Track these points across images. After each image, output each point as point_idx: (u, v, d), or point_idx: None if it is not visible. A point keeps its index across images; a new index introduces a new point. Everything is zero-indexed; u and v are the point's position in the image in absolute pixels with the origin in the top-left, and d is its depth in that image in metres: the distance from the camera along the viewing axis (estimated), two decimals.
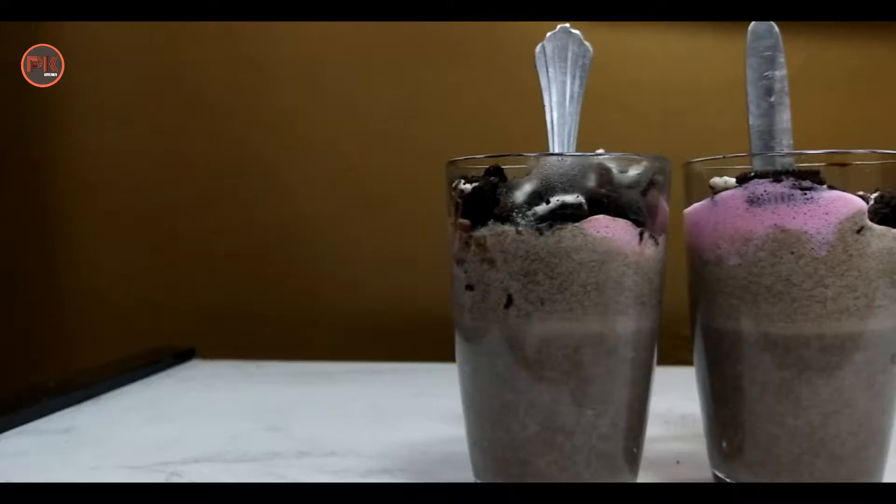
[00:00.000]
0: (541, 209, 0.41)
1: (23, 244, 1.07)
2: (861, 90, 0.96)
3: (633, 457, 0.46)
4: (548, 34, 0.48)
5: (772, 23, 0.48)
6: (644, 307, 0.44)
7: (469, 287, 0.44)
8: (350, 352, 0.98)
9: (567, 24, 0.48)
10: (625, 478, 0.45)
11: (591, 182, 0.42)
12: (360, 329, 1.01)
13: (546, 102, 0.48)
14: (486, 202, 0.43)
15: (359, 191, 1.02)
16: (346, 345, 1.01)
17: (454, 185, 0.44)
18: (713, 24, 0.94)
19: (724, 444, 0.47)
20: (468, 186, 0.43)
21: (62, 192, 1.06)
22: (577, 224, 0.41)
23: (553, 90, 0.48)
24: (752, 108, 0.48)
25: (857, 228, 0.42)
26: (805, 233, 0.42)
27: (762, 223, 0.43)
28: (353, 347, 1.00)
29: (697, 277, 0.47)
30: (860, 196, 0.42)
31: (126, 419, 0.69)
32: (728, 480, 0.47)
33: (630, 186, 0.43)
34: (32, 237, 1.07)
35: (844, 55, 0.95)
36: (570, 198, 0.41)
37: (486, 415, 0.44)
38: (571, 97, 0.48)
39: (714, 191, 0.46)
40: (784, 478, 0.44)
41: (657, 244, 0.44)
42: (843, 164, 0.44)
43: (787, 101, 0.47)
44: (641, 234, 0.43)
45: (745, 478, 0.46)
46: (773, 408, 0.44)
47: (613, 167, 0.42)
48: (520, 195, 0.42)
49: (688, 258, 0.48)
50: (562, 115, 0.47)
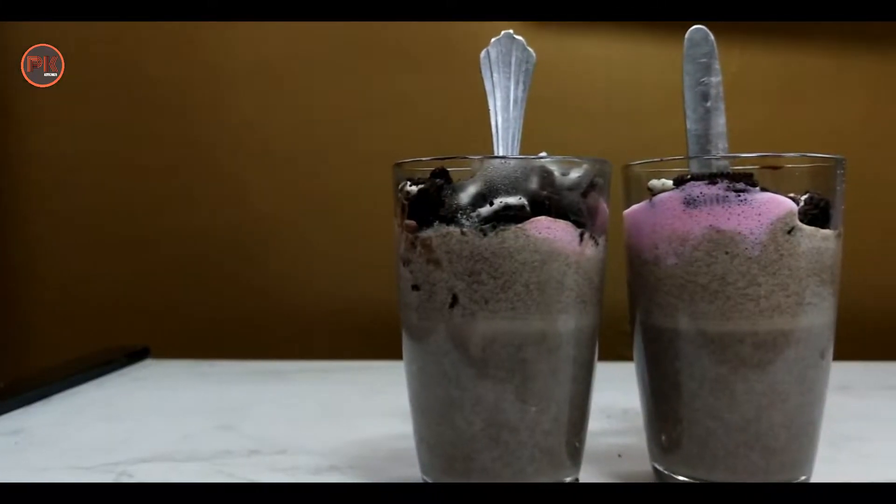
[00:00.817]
0: (485, 211, 0.41)
1: None
2: (791, 97, 0.97)
3: (576, 451, 0.46)
4: (492, 40, 0.48)
5: (707, 30, 0.48)
6: (585, 306, 0.43)
7: (415, 287, 0.43)
8: (303, 351, 0.97)
9: (511, 31, 0.48)
10: (567, 472, 0.45)
11: (534, 184, 0.42)
12: (313, 328, 1.00)
13: (491, 106, 0.47)
14: (432, 204, 0.42)
15: (309, 193, 1.01)
16: (299, 344, 1.00)
17: (400, 187, 0.44)
18: (653, 32, 0.95)
19: (663, 438, 0.47)
20: (414, 188, 0.43)
21: (16, 194, 1.04)
22: (520, 225, 0.41)
23: (497, 95, 0.47)
24: (689, 113, 0.48)
25: (788, 229, 0.42)
26: (739, 233, 0.42)
27: (698, 224, 0.43)
28: (306, 346, 0.99)
29: (636, 277, 0.47)
30: (791, 198, 0.43)
31: (77, 419, 0.67)
32: (667, 473, 0.47)
33: (571, 188, 0.42)
34: None
35: (776, 64, 0.97)
36: (513, 199, 0.41)
37: (433, 412, 0.44)
38: (515, 101, 0.48)
39: (652, 193, 0.46)
40: (720, 470, 0.44)
41: (597, 244, 0.44)
42: (775, 167, 0.44)
43: (723, 107, 0.48)
44: (582, 235, 0.42)
45: (684, 471, 0.46)
46: (710, 403, 0.44)
47: (555, 170, 0.42)
48: (464, 197, 0.41)
49: (627, 258, 0.48)
50: (506, 119, 0.47)
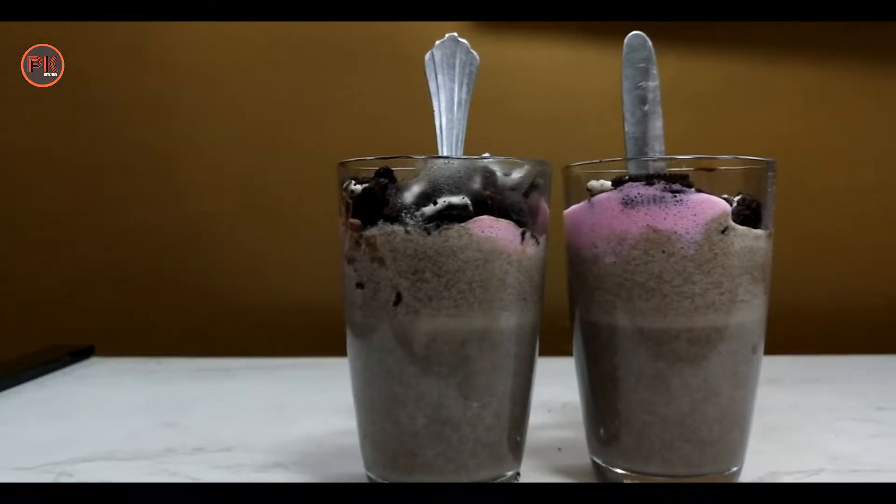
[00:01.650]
0: (428, 210, 0.40)
1: None
2: (724, 103, 0.99)
3: (517, 445, 0.45)
4: (436, 42, 0.47)
5: (645, 37, 0.48)
6: (526, 303, 0.43)
7: (359, 285, 0.42)
8: (249, 348, 0.95)
9: (455, 33, 0.47)
10: (509, 466, 0.45)
11: (477, 184, 0.41)
12: (259, 326, 0.99)
13: (435, 108, 0.47)
14: (376, 202, 0.41)
15: (254, 192, 0.99)
16: (246, 341, 0.98)
17: (345, 186, 0.43)
18: (594, 38, 0.95)
19: (602, 432, 0.47)
20: (358, 187, 0.42)
21: None
22: (463, 224, 0.40)
23: (442, 96, 0.47)
24: (627, 116, 0.48)
25: (722, 229, 0.43)
26: (675, 232, 0.42)
27: (636, 224, 0.43)
28: (253, 344, 0.97)
29: (576, 275, 0.47)
30: (724, 199, 0.43)
31: (19, 419, 0.65)
32: (605, 466, 0.47)
33: (513, 189, 0.42)
34: None
35: (710, 70, 0.98)
36: (457, 199, 0.40)
37: (376, 409, 0.43)
38: (459, 103, 0.47)
39: (591, 193, 0.46)
40: (657, 462, 0.44)
41: (538, 243, 0.44)
42: (710, 169, 0.44)
43: (660, 110, 0.48)
44: (523, 234, 0.42)
45: (621, 463, 0.46)
46: (647, 397, 0.44)
47: (497, 170, 0.42)
48: (408, 196, 0.41)
49: (567, 256, 0.48)
50: (450, 120, 0.47)
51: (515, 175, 0.42)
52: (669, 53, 0.93)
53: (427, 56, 0.47)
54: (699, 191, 0.43)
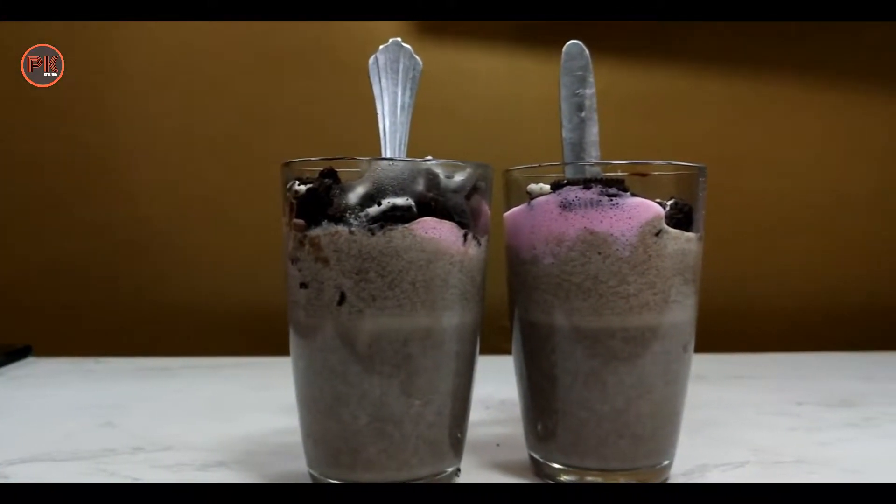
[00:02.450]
0: (373, 210, 0.40)
1: None
2: (657, 110, 1.00)
3: (458, 442, 0.45)
4: (380, 47, 0.47)
5: (583, 45, 0.48)
6: (468, 303, 0.43)
7: (303, 285, 0.41)
8: (192, 348, 0.93)
9: (398, 39, 0.47)
10: (450, 463, 0.44)
11: (420, 186, 0.41)
12: (202, 325, 0.96)
13: (379, 111, 0.46)
14: (321, 203, 0.41)
15: (198, 192, 0.97)
16: (189, 341, 0.96)
17: (289, 187, 0.42)
18: (533, 47, 0.96)
19: (540, 428, 0.47)
20: (303, 188, 0.41)
21: None
22: (407, 225, 0.40)
23: (385, 100, 0.46)
24: (565, 123, 0.48)
25: (656, 232, 0.43)
26: (611, 235, 0.43)
27: (573, 226, 0.43)
28: (196, 343, 0.95)
29: (515, 275, 0.47)
30: (658, 203, 0.43)
31: None
32: (542, 461, 0.47)
33: (455, 191, 0.42)
34: None
35: (643, 81, 0.99)
36: (400, 200, 0.40)
37: (319, 407, 0.42)
38: (403, 107, 0.47)
39: (531, 196, 0.46)
40: (592, 457, 0.45)
41: (480, 245, 0.43)
42: (644, 174, 0.45)
43: (596, 117, 0.48)
44: (466, 236, 0.42)
45: (559, 458, 0.46)
46: (583, 394, 0.44)
47: (440, 173, 0.42)
48: (353, 197, 0.40)
49: (507, 257, 0.48)
50: (393, 124, 0.46)
51: (458, 178, 0.42)
52: (605, 62, 0.95)
53: (371, 60, 0.47)
54: (634, 195, 0.43)
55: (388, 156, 0.45)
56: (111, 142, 0.96)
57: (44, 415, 0.64)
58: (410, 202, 0.40)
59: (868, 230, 1.04)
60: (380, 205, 0.40)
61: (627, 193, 0.43)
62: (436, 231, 0.41)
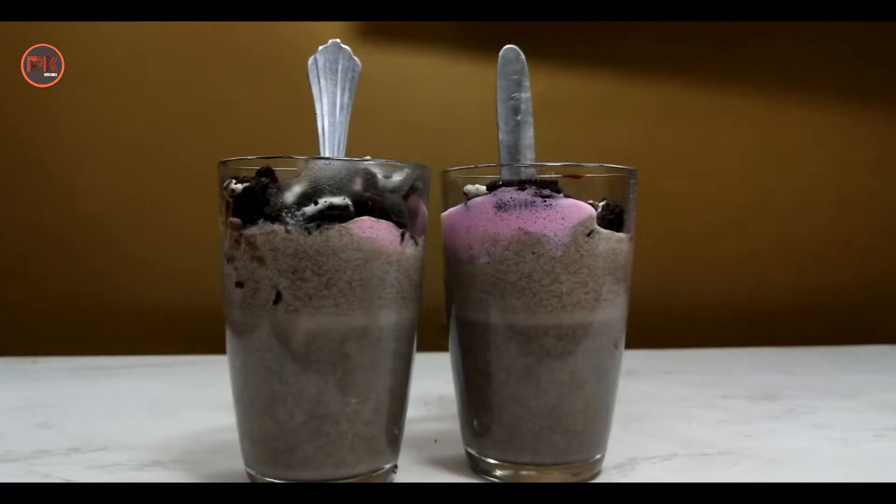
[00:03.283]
0: (309, 210, 0.39)
1: None
2: (591, 115, 1.01)
3: (395, 439, 0.44)
4: (319, 48, 0.46)
5: (519, 50, 0.48)
6: (405, 301, 0.42)
7: (239, 284, 0.40)
8: (131, 347, 0.90)
9: (338, 40, 0.46)
10: (387, 459, 0.44)
11: (357, 186, 0.40)
12: (140, 324, 0.94)
13: (318, 111, 0.45)
14: (257, 202, 0.39)
15: (135, 191, 0.94)
16: (129, 341, 0.93)
17: (225, 185, 0.41)
18: (471, 52, 0.96)
19: (476, 424, 0.47)
20: (239, 186, 0.40)
21: None
22: (344, 224, 0.39)
23: (324, 100, 0.46)
24: (501, 125, 0.48)
25: (588, 232, 0.43)
26: (544, 235, 0.42)
27: (508, 226, 0.43)
28: (137, 343, 0.92)
29: (452, 274, 0.47)
30: (591, 204, 0.43)
31: None
32: (478, 457, 0.47)
33: (393, 191, 0.41)
34: None
35: (575, 86, 1.00)
36: (338, 200, 0.39)
37: (256, 406, 0.41)
38: (341, 107, 0.46)
39: (467, 197, 0.45)
40: (527, 452, 0.44)
41: (417, 244, 0.43)
42: (577, 177, 0.45)
43: (531, 120, 0.48)
44: (403, 235, 0.41)
45: (494, 454, 0.46)
46: (518, 391, 0.44)
47: (378, 172, 0.41)
48: (289, 196, 0.39)
49: (444, 257, 0.48)
50: (332, 124, 0.45)
51: (396, 178, 0.41)
52: (540, 68, 0.95)
53: (310, 61, 0.46)
54: (567, 196, 0.43)
55: (327, 156, 0.44)
56: (48, 140, 0.93)
57: None
58: (347, 201, 0.39)
59: (789, 232, 1.06)
60: (317, 204, 0.39)
61: (561, 195, 0.43)
62: (373, 230, 0.40)
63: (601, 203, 0.44)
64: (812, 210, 1.07)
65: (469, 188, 0.45)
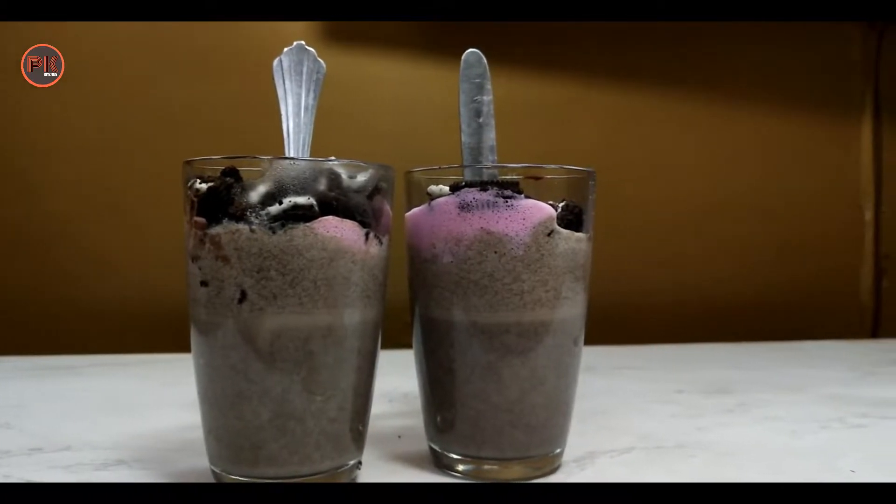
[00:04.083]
0: (274, 209, 0.38)
1: None
2: (550, 118, 1.01)
3: (359, 436, 0.44)
4: (284, 49, 0.45)
5: (481, 54, 0.48)
6: (369, 300, 0.42)
7: (204, 283, 0.39)
8: (96, 345, 0.88)
9: (303, 42, 0.45)
10: (351, 456, 0.43)
11: (322, 186, 0.39)
12: (106, 323, 0.92)
13: (283, 112, 0.45)
14: (221, 201, 0.39)
15: (99, 191, 0.92)
16: (92, 339, 0.91)
17: (190, 185, 0.40)
18: (434, 56, 0.95)
19: (439, 420, 0.46)
20: (204, 186, 0.39)
21: None
22: (309, 224, 0.38)
23: (289, 101, 0.45)
24: (464, 127, 0.48)
25: (548, 232, 0.43)
26: (506, 235, 0.42)
27: (471, 226, 0.43)
28: (99, 341, 0.90)
29: (416, 273, 0.46)
30: (551, 205, 0.43)
31: None
32: (441, 452, 0.46)
33: (357, 191, 0.41)
34: None
35: (536, 91, 1.00)
36: (302, 199, 0.38)
37: (221, 404, 0.40)
38: (306, 108, 0.45)
39: (431, 197, 0.45)
40: (489, 447, 0.44)
41: (381, 244, 0.42)
42: (537, 178, 0.45)
43: (493, 123, 0.48)
44: (367, 235, 0.41)
45: (457, 449, 0.45)
46: (480, 387, 0.44)
47: (342, 173, 0.40)
48: (254, 195, 0.38)
49: (408, 256, 0.47)
50: (297, 125, 0.45)
51: (360, 178, 0.41)
52: (502, 73, 0.95)
53: (275, 62, 0.45)
54: (528, 197, 0.43)
55: (292, 156, 0.44)
56: (13, 138, 0.90)
57: None
58: (312, 201, 0.39)
59: (736, 231, 1.08)
60: (281, 203, 0.38)
61: (522, 196, 0.43)
62: (337, 230, 0.39)
63: (561, 204, 0.44)
64: (755, 210, 1.08)
65: (432, 188, 0.45)
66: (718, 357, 0.90)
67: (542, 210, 0.43)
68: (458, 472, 0.45)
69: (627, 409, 0.63)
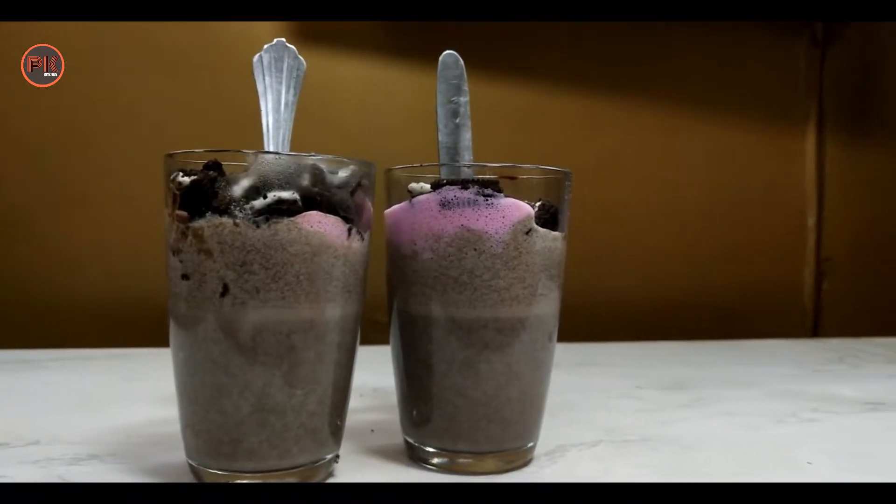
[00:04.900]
0: (258, 203, 0.37)
1: None
2: (527, 121, 1.01)
3: (338, 429, 0.43)
4: (265, 46, 0.44)
5: (458, 55, 0.47)
6: (350, 295, 0.41)
7: (185, 276, 0.38)
8: (63, 340, 0.85)
9: (283, 39, 0.44)
10: (330, 449, 0.42)
11: (306, 181, 0.38)
12: (75, 317, 0.88)
13: (263, 108, 0.44)
14: (205, 195, 0.37)
15: (74, 186, 0.89)
16: (60, 333, 0.88)
17: (172, 178, 0.39)
18: (410, 57, 0.94)
19: (415, 414, 0.45)
20: (187, 179, 0.38)
21: None
22: (292, 219, 0.38)
23: (269, 97, 0.44)
24: (441, 128, 0.47)
25: (526, 230, 0.43)
26: (486, 232, 0.42)
27: (451, 223, 0.42)
28: (67, 336, 0.87)
29: (395, 269, 0.45)
30: (528, 204, 0.43)
31: None
32: (417, 445, 0.46)
33: (340, 187, 0.40)
34: None
35: (512, 94, 1.00)
36: (286, 194, 0.38)
37: (201, 399, 0.39)
38: (286, 104, 0.44)
39: (412, 194, 0.44)
40: (464, 441, 0.44)
41: (363, 239, 0.41)
42: (513, 178, 0.44)
43: (469, 123, 0.47)
44: (350, 230, 0.40)
45: (433, 443, 0.45)
46: (457, 381, 0.43)
47: (326, 168, 0.39)
48: (238, 189, 0.37)
49: (387, 252, 0.46)
50: (277, 121, 0.43)
51: (342, 174, 0.40)
52: (481, 75, 0.95)
53: (255, 58, 0.44)
54: (507, 196, 0.43)
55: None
56: None
57: None
58: (296, 196, 0.38)
59: (687, 235, 1.09)
60: (265, 198, 0.37)
61: (502, 194, 0.42)
62: (321, 225, 0.38)
63: (537, 203, 0.44)
64: (707, 216, 1.10)
65: (413, 186, 0.44)
66: (672, 354, 0.91)
67: (522, 209, 0.42)
68: (433, 466, 0.45)
69: (593, 405, 0.63)
